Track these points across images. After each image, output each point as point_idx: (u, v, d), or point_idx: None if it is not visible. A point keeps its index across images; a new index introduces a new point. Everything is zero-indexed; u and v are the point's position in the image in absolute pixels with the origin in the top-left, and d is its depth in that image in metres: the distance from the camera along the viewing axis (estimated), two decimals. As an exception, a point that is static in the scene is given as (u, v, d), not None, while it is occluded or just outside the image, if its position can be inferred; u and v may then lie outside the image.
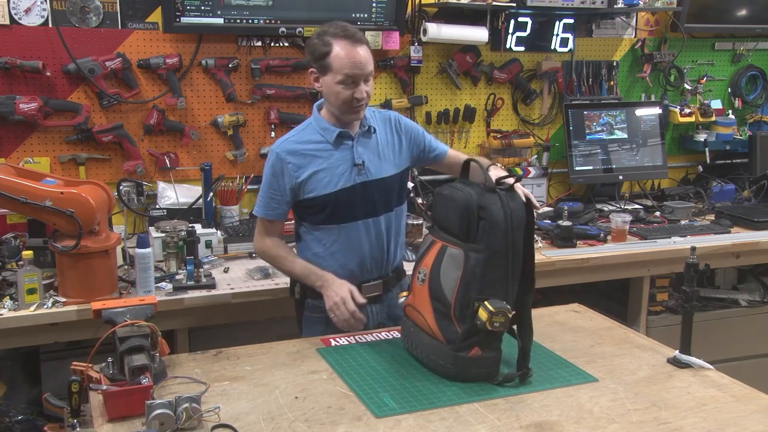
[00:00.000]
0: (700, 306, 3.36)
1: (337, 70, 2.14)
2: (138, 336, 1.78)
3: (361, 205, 2.25)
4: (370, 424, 1.63)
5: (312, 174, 2.21)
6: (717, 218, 3.52)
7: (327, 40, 2.15)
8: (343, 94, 2.16)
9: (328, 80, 2.17)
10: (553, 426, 1.63)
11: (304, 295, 2.33)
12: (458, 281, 1.80)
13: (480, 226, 1.80)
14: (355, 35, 2.16)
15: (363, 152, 2.26)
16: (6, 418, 2.62)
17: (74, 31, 2.97)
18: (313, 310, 2.31)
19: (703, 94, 4.04)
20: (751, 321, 3.55)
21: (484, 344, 1.81)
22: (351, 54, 2.13)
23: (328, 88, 2.18)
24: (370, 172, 2.25)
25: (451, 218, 1.86)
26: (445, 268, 1.84)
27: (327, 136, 2.24)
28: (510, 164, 3.66)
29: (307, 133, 2.27)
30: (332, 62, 2.14)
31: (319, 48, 2.16)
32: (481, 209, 1.81)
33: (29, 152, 2.99)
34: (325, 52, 2.15)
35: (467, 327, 1.79)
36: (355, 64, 2.13)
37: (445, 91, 3.63)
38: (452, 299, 1.81)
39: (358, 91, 2.15)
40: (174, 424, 1.56)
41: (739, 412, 1.71)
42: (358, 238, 2.26)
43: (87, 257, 2.31)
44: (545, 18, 3.68)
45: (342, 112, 2.21)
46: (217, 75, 3.19)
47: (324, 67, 2.17)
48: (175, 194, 3.11)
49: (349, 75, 2.13)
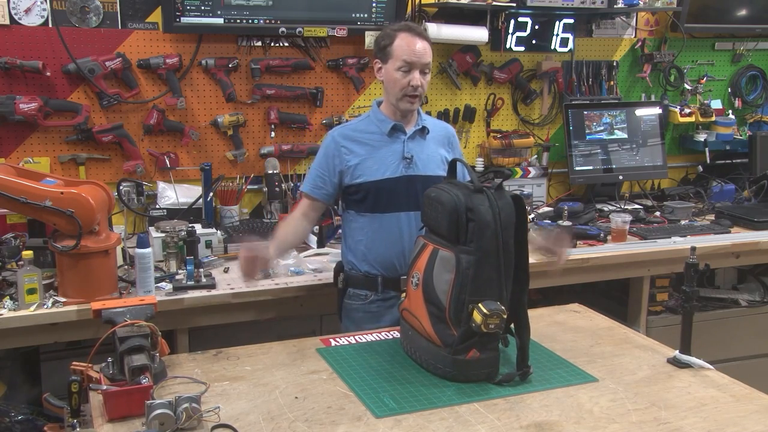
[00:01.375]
0: (700, 306, 3.36)
1: (396, 57, 2.32)
2: (138, 336, 1.79)
3: (405, 197, 2.37)
4: (370, 424, 1.63)
5: (362, 160, 2.38)
6: (717, 218, 3.52)
7: (391, 32, 2.36)
8: (401, 81, 2.32)
9: (389, 67, 2.35)
10: (553, 426, 1.63)
11: (346, 284, 2.46)
12: (451, 284, 1.80)
13: (469, 228, 1.80)
14: (418, 29, 2.38)
15: (413, 148, 2.41)
16: (6, 418, 2.62)
17: (74, 31, 2.97)
18: (354, 299, 2.45)
19: (703, 94, 4.04)
20: (751, 321, 3.55)
21: (481, 346, 1.81)
22: (411, 42, 2.32)
23: (388, 74, 2.35)
24: (417, 167, 2.39)
25: (440, 221, 1.86)
26: (438, 271, 1.84)
27: (382, 127, 2.40)
28: (510, 164, 3.66)
29: (364, 123, 2.46)
30: (394, 50, 2.33)
31: (384, 39, 2.36)
32: (469, 210, 1.80)
33: (29, 152, 2.99)
34: (388, 42, 2.34)
35: (463, 330, 1.79)
36: (413, 51, 2.31)
37: (445, 91, 3.63)
38: (446, 302, 1.81)
39: (414, 78, 2.32)
40: (174, 424, 1.56)
41: (739, 412, 1.71)
42: (399, 229, 2.38)
43: (87, 257, 2.31)
44: (545, 18, 3.68)
45: (398, 99, 2.36)
46: (217, 75, 3.19)
47: (386, 56, 2.35)
48: (175, 194, 3.11)
49: (407, 61, 2.31)
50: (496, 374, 1.84)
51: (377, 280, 2.40)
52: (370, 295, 2.42)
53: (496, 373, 1.84)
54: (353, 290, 2.45)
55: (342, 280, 2.48)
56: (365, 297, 2.42)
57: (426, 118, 2.49)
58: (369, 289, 2.42)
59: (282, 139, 3.37)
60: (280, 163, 3.26)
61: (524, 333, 1.87)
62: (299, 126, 3.37)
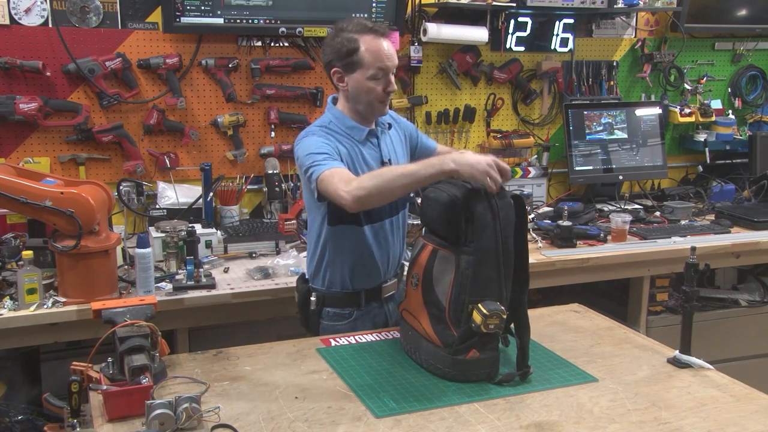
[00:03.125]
0: (700, 306, 3.36)
1: (368, 65, 2.10)
2: (138, 336, 1.78)
3: (388, 204, 2.18)
4: (370, 424, 1.63)
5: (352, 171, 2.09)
6: (717, 218, 3.52)
7: (352, 37, 2.10)
8: (376, 90, 2.12)
9: (357, 77, 2.12)
10: (553, 426, 1.63)
11: (322, 305, 2.25)
12: (451, 284, 1.80)
13: (468, 228, 1.78)
14: (380, 27, 2.14)
15: (387, 149, 2.25)
16: (6, 418, 2.62)
17: (74, 31, 2.97)
18: (335, 319, 2.25)
19: (703, 94, 4.04)
20: (751, 321, 3.55)
21: (481, 346, 1.81)
22: (380, 47, 2.10)
23: (358, 85, 2.13)
24: None
25: (439, 221, 1.85)
26: (437, 271, 1.84)
27: (356, 135, 2.19)
28: (510, 164, 3.64)
29: (334, 131, 2.17)
30: (362, 58, 2.10)
31: (345, 45, 2.10)
32: (467, 211, 1.79)
33: (29, 152, 2.99)
34: (353, 49, 2.09)
35: (463, 330, 1.79)
36: (386, 56, 2.11)
37: (445, 91, 3.63)
38: (446, 303, 1.81)
39: (390, 84, 2.14)
40: (174, 424, 1.56)
41: (739, 412, 1.71)
42: (385, 237, 2.24)
43: (87, 257, 2.31)
44: (545, 18, 3.68)
45: (373, 108, 2.17)
46: (217, 75, 3.19)
47: (351, 65, 2.11)
48: (175, 194, 3.11)
49: (381, 68, 2.10)
50: (496, 374, 1.84)
51: (360, 295, 2.24)
52: (354, 312, 2.25)
53: (496, 373, 1.84)
54: (332, 310, 2.24)
55: (315, 301, 2.24)
56: (349, 315, 2.24)
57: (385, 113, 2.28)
58: (352, 306, 2.25)
59: (282, 139, 3.37)
60: (280, 163, 3.26)
61: (524, 333, 1.87)
62: (299, 126, 3.36)
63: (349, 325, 2.25)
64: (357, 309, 2.26)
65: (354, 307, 2.26)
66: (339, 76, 2.16)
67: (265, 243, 2.93)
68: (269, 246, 2.94)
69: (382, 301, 2.31)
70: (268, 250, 2.93)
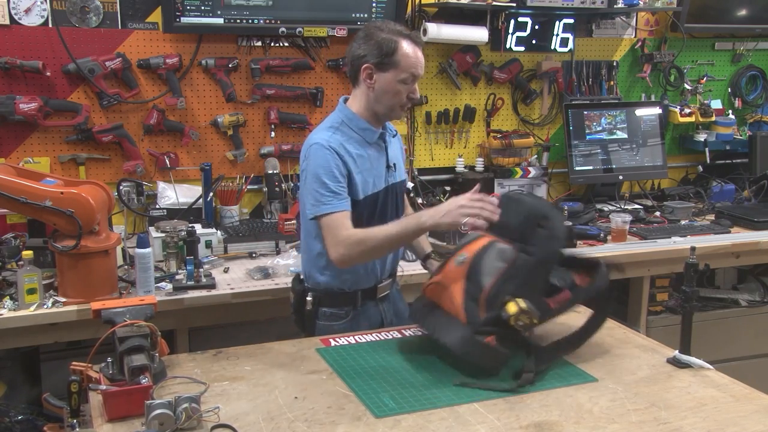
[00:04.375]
0: (700, 306, 3.36)
1: (403, 68, 2.13)
2: (138, 336, 1.78)
3: (390, 207, 2.27)
4: (370, 424, 1.63)
5: (358, 174, 2.16)
6: (717, 218, 3.52)
7: (391, 38, 2.12)
8: (402, 94, 2.16)
9: (389, 77, 2.14)
10: (553, 426, 1.63)
11: (318, 304, 2.25)
12: (500, 272, 1.83)
13: (538, 233, 1.86)
14: (417, 36, 2.20)
15: (392, 154, 2.30)
16: (6, 418, 2.62)
17: (74, 31, 2.97)
18: (331, 319, 2.26)
19: (703, 94, 4.04)
20: (751, 321, 3.55)
21: (501, 338, 1.83)
22: (417, 54, 2.15)
23: (387, 85, 2.14)
24: (396, 173, 2.30)
25: (512, 218, 1.91)
26: (490, 258, 1.87)
27: (367, 137, 2.20)
28: (510, 164, 3.66)
29: (345, 131, 2.18)
30: (400, 59, 2.12)
31: (387, 43, 2.12)
32: (544, 218, 1.87)
33: (29, 152, 2.99)
34: (393, 48, 2.11)
35: (492, 315, 1.81)
36: (420, 64, 2.17)
37: (445, 91, 3.63)
38: (488, 286, 1.83)
39: (415, 90, 2.19)
40: (174, 424, 1.56)
41: (739, 412, 1.71)
42: None
43: (87, 257, 2.31)
44: (545, 18, 3.68)
45: (392, 111, 2.20)
46: (217, 75, 3.19)
47: (386, 65, 2.13)
48: (175, 194, 3.11)
49: (414, 74, 2.15)
50: (498, 372, 1.84)
51: (357, 294, 2.26)
52: (350, 311, 2.26)
53: (498, 372, 1.84)
54: (329, 310, 2.25)
55: (311, 301, 2.24)
56: (345, 315, 2.25)
57: None
58: (348, 305, 2.25)
59: (282, 139, 3.37)
60: (280, 163, 3.26)
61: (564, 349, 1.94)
62: (299, 126, 3.37)
63: (345, 325, 2.25)
64: (353, 309, 2.27)
65: (350, 306, 2.26)
66: (369, 72, 2.15)
67: (265, 243, 2.94)
68: (269, 246, 2.94)
69: (377, 301, 2.33)
70: (268, 250, 2.93)
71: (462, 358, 1.84)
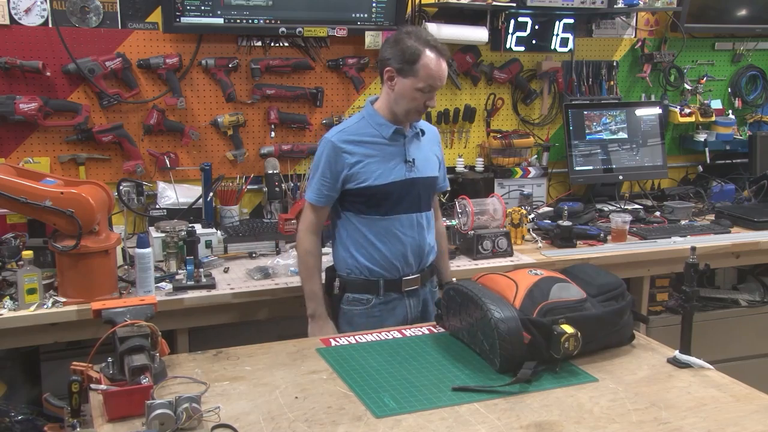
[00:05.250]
0: (700, 306, 3.36)
1: (422, 78, 2.24)
2: (138, 336, 1.78)
3: (408, 200, 2.37)
4: (370, 424, 1.63)
5: (366, 164, 2.31)
6: (717, 218, 3.52)
7: (417, 46, 2.23)
8: (418, 101, 2.28)
9: (407, 83, 2.26)
10: (553, 426, 1.63)
11: (343, 290, 2.40)
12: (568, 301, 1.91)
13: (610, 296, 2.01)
14: (442, 48, 2.28)
15: (413, 151, 2.39)
16: (6, 418, 2.62)
17: (74, 31, 2.97)
18: (354, 304, 2.40)
19: (703, 94, 4.04)
20: (751, 321, 3.55)
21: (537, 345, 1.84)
22: (438, 65, 2.25)
23: (404, 90, 2.27)
24: (419, 169, 2.38)
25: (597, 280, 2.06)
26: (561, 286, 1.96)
27: (383, 132, 2.34)
28: (510, 164, 3.66)
29: (362, 125, 2.36)
30: (420, 69, 2.23)
31: (409, 51, 2.23)
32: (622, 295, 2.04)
33: (29, 152, 2.99)
34: (416, 55, 2.22)
35: (544, 322, 1.84)
36: (440, 76, 2.26)
37: (445, 91, 3.63)
38: (553, 300, 1.89)
39: (432, 99, 2.29)
40: (174, 424, 1.56)
41: (739, 412, 1.71)
42: (402, 231, 2.37)
43: (87, 257, 2.31)
44: (545, 18, 3.68)
45: (408, 114, 2.33)
46: (217, 75, 3.19)
47: (407, 71, 2.25)
48: (175, 194, 3.11)
49: (432, 86, 2.26)
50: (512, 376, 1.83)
51: (379, 282, 2.37)
52: (372, 299, 2.38)
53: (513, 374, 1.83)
54: (352, 295, 2.39)
55: (338, 285, 2.42)
56: (367, 301, 2.38)
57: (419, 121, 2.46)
58: (370, 293, 2.37)
59: (282, 139, 3.37)
60: (280, 163, 3.26)
61: None
62: (299, 126, 3.37)
63: (366, 312, 2.37)
64: (376, 296, 2.37)
65: (373, 294, 2.37)
66: (390, 75, 2.29)
67: (265, 243, 2.94)
68: (269, 246, 2.94)
69: (404, 295, 2.40)
70: (268, 250, 2.93)
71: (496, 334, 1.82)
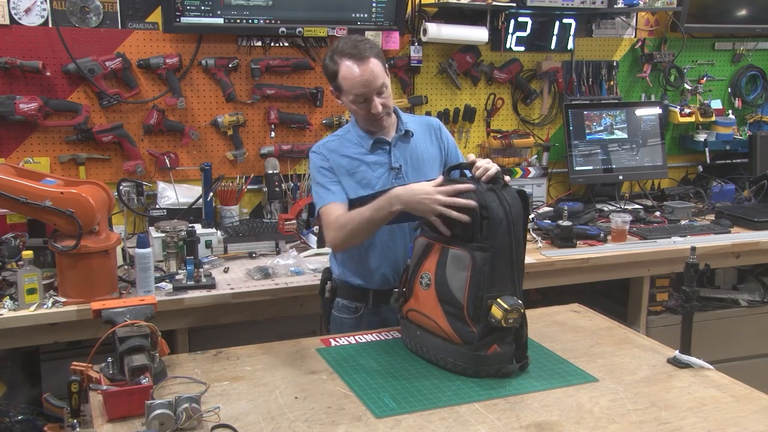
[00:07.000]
0: (700, 306, 3.36)
1: (347, 91, 2.17)
2: (138, 336, 1.79)
3: None
4: (370, 424, 1.63)
5: (350, 175, 2.24)
6: (717, 218, 3.52)
7: (335, 60, 2.17)
8: (361, 111, 2.20)
9: (345, 99, 2.22)
10: (553, 426, 1.63)
11: (334, 294, 2.35)
12: (467, 282, 1.82)
13: (483, 225, 1.83)
14: (361, 52, 2.13)
15: (400, 156, 2.28)
16: (6, 418, 2.62)
17: (74, 31, 2.97)
18: (343, 311, 2.33)
19: (703, 94, 4.04)
20: (751, 321, 3.55)
21: (500, 340, 1.84)
22: (356, 74, 2.13)
23: (347, 105, 2.23)
24: (407, 176, 2.26)
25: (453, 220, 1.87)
26: (451, 269, 1.86)
27: (364, 144, 2.27)
28: (510, 164, 3.66)
29: (345, 138, 2.30)
30: (342, 83, 2.17)
31: (330, 68, 2.19)
32: (483, 208, 1.83)
33: (29, 152, 2.99)
34: (334, 72, 2.17)
35: (482, 326, 1.81)
36: (362, 83, 2.13)
37: (445, 91, 3.63)
38: (464, 300, 1.83)
39: (373, 107, 2.17)
40: (174, 424, 1.56)
41: (739, 412, 1.71)
42: (393, 242, 2.27)
43: (87, 257, 2.31)
44: (545, 18, 3.68)
45: (368, 124, 2.25)
46: (217, 75, 3.19)
47: (337, 88, 2.21)
48: (175, 194, 3.11)
49: (359, 94, 2.15)
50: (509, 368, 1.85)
51: (368, 293, 2.29)
52: (361, 307, 2.31)
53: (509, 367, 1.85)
54: (342, 301, 2.33)
55: (330, 289, 2.36)
56: (356, 309, 2.31)
57: (407, 119, 2.33)
58: (359, 301, 2.31)
59: (282, 139, 3.37)
60: (280, 163, 3.26)
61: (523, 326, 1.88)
62: (299, 126, 3.37)
63: (355, 321, 2.30)
64: (365, 306, 2.31)
65: (362, 303, 2.31)
66: (335, 94, 2.26)
67: (265, 243, 2.94)
68: (269, 246, 2.94)
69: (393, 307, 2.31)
70: (268, 250, 2.93)
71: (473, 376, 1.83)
